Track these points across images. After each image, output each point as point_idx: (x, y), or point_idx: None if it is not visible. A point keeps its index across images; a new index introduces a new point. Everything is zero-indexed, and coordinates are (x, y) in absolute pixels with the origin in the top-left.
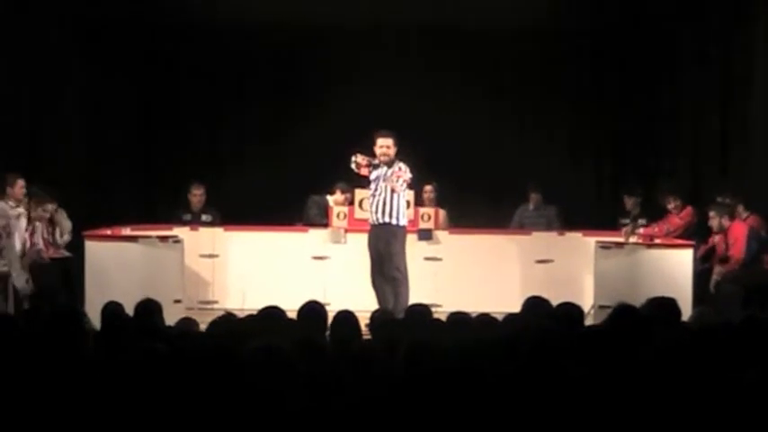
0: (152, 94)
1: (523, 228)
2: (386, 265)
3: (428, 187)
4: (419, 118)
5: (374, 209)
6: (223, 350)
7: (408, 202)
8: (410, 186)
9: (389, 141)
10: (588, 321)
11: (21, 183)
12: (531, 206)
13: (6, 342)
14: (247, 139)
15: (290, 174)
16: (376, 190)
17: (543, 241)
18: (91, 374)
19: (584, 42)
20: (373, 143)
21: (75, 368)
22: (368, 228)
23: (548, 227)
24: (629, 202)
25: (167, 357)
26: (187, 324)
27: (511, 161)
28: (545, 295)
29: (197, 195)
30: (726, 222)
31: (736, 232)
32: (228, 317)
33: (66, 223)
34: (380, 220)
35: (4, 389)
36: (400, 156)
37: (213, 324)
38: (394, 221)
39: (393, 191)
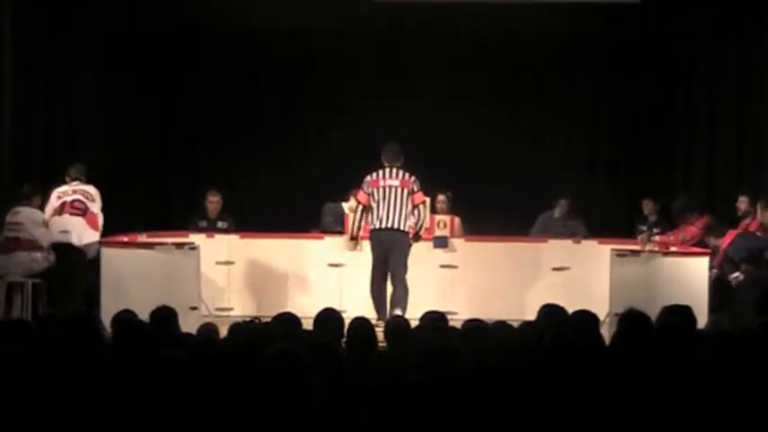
0: (167, 101)
1: (546, 235)
2: (396, 269)
3: (441, 197)
4: (435, 126)
5: (384, 214)
6: (241, 356)
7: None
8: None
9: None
10: (604, 329)
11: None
12: (556, 214)
13: (21, 348)
14: (263, 146)
15: (305, 181)
16: (386, 195)
17: (559, 249)
18: (105, 382)
19: (599, 50)
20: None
21: (90, 375)
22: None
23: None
24: (648, 207)
25: (184, 364)
26: (207, 330)
27: (526, 169)
28: (561, 303)
29: (213, 202)
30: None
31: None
32: (248, 323)
33: None
34: (391, 225)
35: (18, 396)
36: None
37: (232, 330)
38: (403, 227)
39: (412, 198)
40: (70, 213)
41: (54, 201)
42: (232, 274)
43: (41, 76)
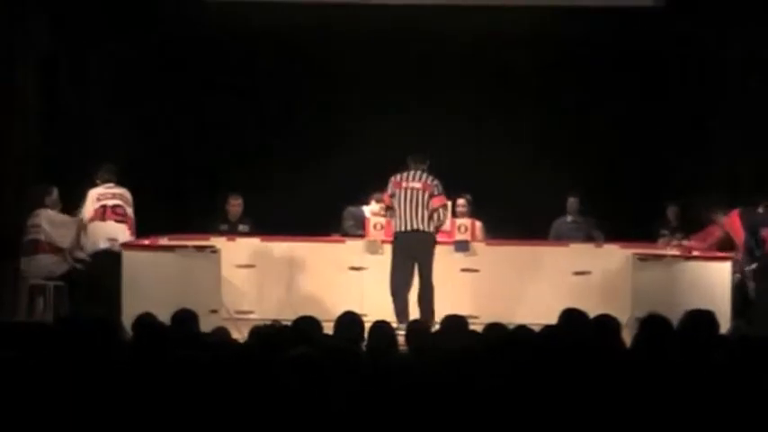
0: (188, 104)
1: (562, 240)
2: (424, 271)
3: (461, 201)
4: (454, 131)
5: (408, 216)
6: (260, 359)
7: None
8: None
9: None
10: (625, 333)
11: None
12: (568, 218)
13: (43, 351)
14: (284, 149)
15: (326, 185)
16: (407, 197)
17: (581, 253)
18: (125, 384)
19: (615, 55)
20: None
21: (111, 378)
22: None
23: (586, 240)
24: (673, 213)
25: (205, 366)
26: (220, 334)
27: (544, 173)
28: (582, 307)
29: (235, 206)
30: None
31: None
32: (269, 326)
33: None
34: (415, 227)
35: (39, 398)
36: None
37: (252, 333)
38: (428, 228)
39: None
40: (115, 220)
41: (93, 203)
42: (253, 277)
43: (60, 77)
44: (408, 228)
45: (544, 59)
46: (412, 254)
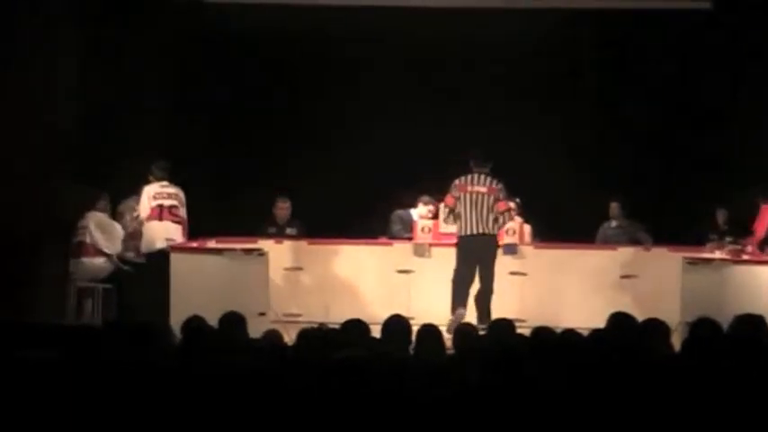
0: (235, 107)
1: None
2: (486, 275)
3: (511, 204)
4: (498, 135)
5: (474, 220)
6: (307, 363)
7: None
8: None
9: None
10: (675, 338)
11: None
12: (613, 223)
13: (91, 354)
14: (332, 152)
15: (373, 188)
16: (473, 200)
17: (629, 256)
18: (173, 388)
19: (659, 55)
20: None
21: (158, 381)
22: (453, 241)
23: (633, 244)
24: (721, 216)
25: (249, 371)
26: (272, 336)
27: (590, 176)
28: (630, 311)
29: (283, 209)
30: None
31: None
32: (316, 329)
33: None
34: (481, 231)
35: (87, 402)
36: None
37: (300, 336)
38: (492, 232)
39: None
40: (172, 221)
41: (148, 201)
42: (300, 280)
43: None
44: (474, 231)
45: (586, 62)
46: (476, 257)
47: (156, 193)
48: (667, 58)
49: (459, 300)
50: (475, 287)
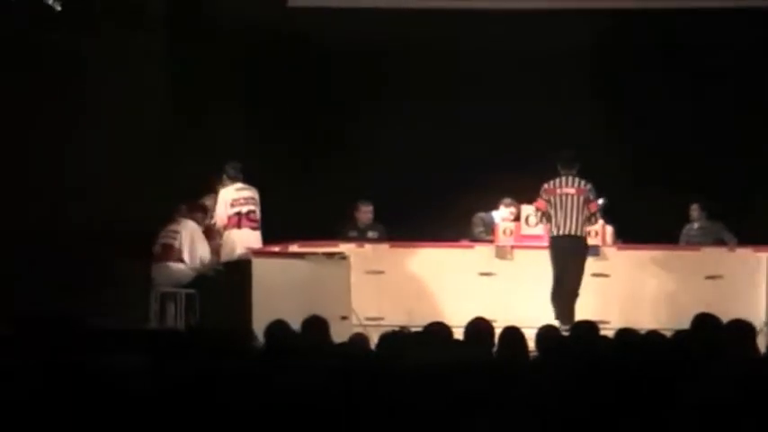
0: (319, 112)
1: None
2: (572, 278)
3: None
4: (576, 136)
5: (562, 221)
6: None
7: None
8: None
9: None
10: (760, 339)
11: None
12: (695, 224)
13: (173, 357)
14: (412, 156)
15: (455, 191)
16: (562, 202)
17: (713, 257)
18: (256, 392)
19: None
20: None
21: (242, 385)
22: (535, 243)
23: (717, 244)
24: None
25: (335, 374)
26: (359, 340)
27: (677, 175)
28: (714, 312)
29: (366, 213)
30: None
31: None
32: (398, 332)
33: None
34: (568, 232)
35: (172, 406)
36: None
37: (383, 339)
38: (580, 233)
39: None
40: (250, 227)
41: (226, 208)
42: (382, 284)
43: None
44: (563, 232)
45: (658, 64)
46: (565, 258)
47: (233, 200)
48: (743, 55)
49: (562, 318)
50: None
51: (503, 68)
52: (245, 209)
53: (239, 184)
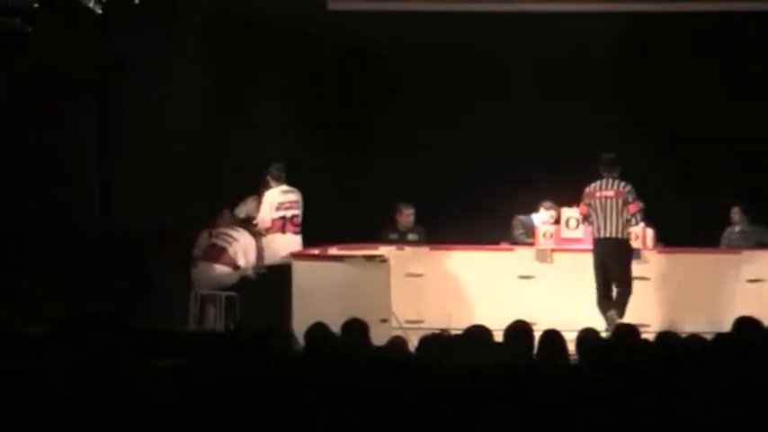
0: (359, 114)
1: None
2: (617, 278)
3: (641, 204)
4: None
5: (602, 224)
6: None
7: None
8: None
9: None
10: None
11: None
12: (736, 228)
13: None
14: (453, 158)
15: (495, 193)
16: (602, 205)
17: (754, 260)
18: (295, 394)
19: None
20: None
21: (280, 388)
22: (576, 246)
23: (759, 247)
24: None
25: (373, 377)
26: (398, 343)
27: (718, 178)
28: (756, 315)
29: (408, 215)
30: None
31: None
32: (438, 335)
33: None
34: (608, 235)
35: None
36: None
37: (422, 342)
38: (621, 235)
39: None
40: (293, 232)
41: (271, 211)
42: (422, 287)
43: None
44: (604, 235)
45: (698, 67)
46: (605, 260)
47: (279, 204)
48: None
49: (604, 306)
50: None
51: (545, 70)
52: (289, 213)
53: (284, 186)
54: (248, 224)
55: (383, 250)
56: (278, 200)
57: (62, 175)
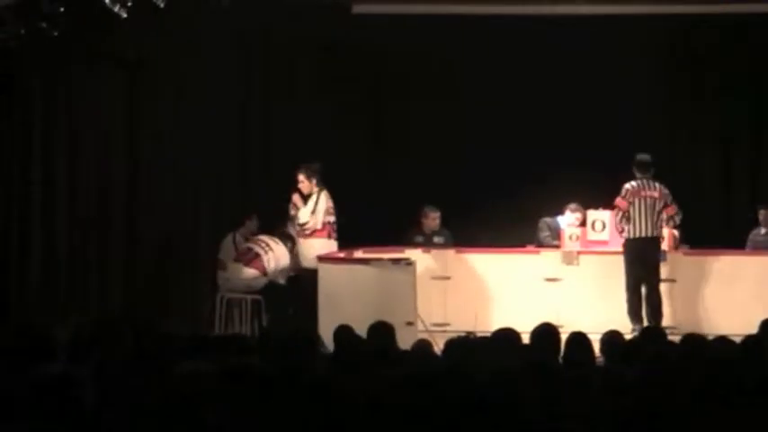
0: (384, 118)
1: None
2: (649, 278)
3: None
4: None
5: (642, 223)
6: (456, 373)
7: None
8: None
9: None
10: None
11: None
12: (762, 230)
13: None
14: (478, 161)
15: (521, 196)
16: (645, 205)
17: None
18: (323, 397)
19: None
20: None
21: (309, 391)
22: (601, 249)
23: None
24: None
25: (399, 381)
26: (422, 346)
27: (744, 179)
28: None
29: (433, 219)
30: None
31: None
32: (464, 338)
33: None
34: (645, 234)
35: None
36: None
37: (448, 345)
38: (656, 235)
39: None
40: (335, 239)
41: (325, 215)
42: (448, 290)
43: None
44: (641, 234)
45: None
46: (643, 259)
47: (329, 208)
48: None
49: (635, 316)
50: None
51: (574, 73)
52: (332, 218)
53: (324, 193)
54: (300, 227)
55: (409, 253)
56: (329, 204)
57: (95, 182)
